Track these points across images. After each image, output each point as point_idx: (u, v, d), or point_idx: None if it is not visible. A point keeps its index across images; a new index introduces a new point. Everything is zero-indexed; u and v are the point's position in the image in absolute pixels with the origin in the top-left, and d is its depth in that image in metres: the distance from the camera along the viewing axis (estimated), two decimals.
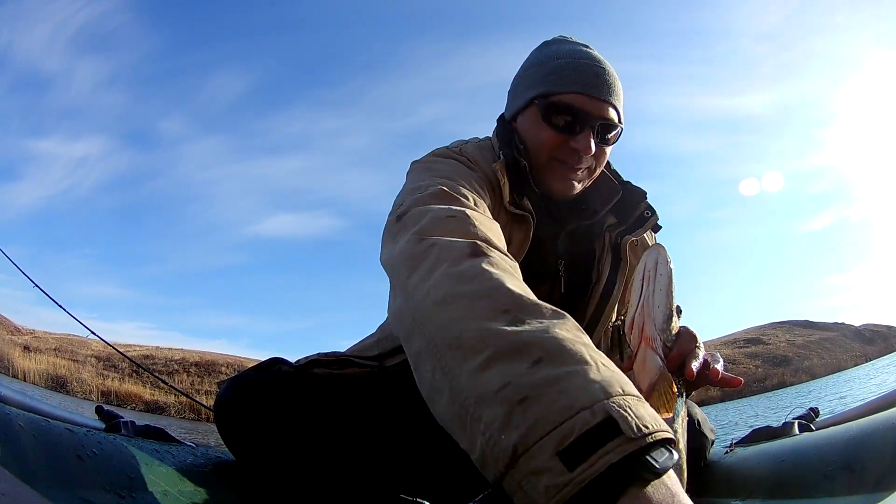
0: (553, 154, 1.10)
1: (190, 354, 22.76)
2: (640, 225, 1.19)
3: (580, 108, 1.07)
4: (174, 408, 17.02)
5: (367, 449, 1.14)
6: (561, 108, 1.08)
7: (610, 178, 1.23)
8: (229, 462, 1.19)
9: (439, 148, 1.16)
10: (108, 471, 0.86)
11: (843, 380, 16.34)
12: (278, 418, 1.10)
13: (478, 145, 1.17)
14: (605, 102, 1.08)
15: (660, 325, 0.83)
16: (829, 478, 0.95)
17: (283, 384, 1.16)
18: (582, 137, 1.07)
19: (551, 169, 1.11)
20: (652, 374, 0.81)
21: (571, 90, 1.07)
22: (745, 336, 28.42)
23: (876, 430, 0.96)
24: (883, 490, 0.83)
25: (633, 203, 1.21)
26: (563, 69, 1.09)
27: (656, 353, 0.82)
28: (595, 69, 1.09)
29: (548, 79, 1.10)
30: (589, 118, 1.07)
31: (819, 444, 1.05)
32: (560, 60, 1.11)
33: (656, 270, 0.85)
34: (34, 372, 16.69)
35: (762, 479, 1.09)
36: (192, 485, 1.02)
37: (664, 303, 0.83)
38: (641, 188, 1.22)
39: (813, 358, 24.47)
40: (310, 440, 1.11)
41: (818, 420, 1.43)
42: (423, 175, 1.03)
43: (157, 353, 22.60)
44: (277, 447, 1.10)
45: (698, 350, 0.85)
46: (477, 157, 1.12)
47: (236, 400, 1.13)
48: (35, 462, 0.75)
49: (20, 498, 0.66)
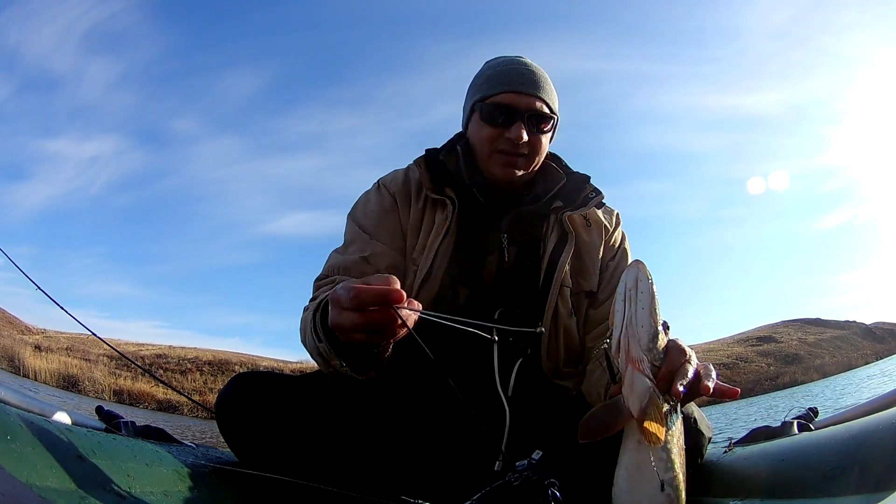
0: (494, 147, 1.29)
1: (203, 353, 22.87)
2: (584, 204, 1.36)
3: (509, 104, 1.27)
4: (187, 406, 17.10)
5: (368, 450, 1.14)
6: (494, 107, 1.28)
7: (555, 168, 1.41)
8: (229, 462, 1.20)
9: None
10: (108, 471, 0.87)
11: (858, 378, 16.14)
12: (279, 418, 1.11)
13: (398, 171, 1.43)
14: (531, 97, 1.27)
15: (645, 345, 0.80)
16: (828, 478, 0.95)
17: (283, 385, 1.17)
18: (514, 128, 1.26)
19: (493, 160, 1.30)
20: (641, 397, 0.79)
21: (501, 90, 1.27)
22: (757, 334, 28.15)
23: (875, 430, 0.95)
24: (883, 490, 0.82)
25: (577, 187, 1.38)
26: (493, 75, 1.30)
27: (644, 374, 0.80)
28: (520, 70, 1.29)
29: (482, 86, 1.31)
30: (518, 111, 1.26)
31: (818, 444, 1.05)
32: (492, 70, 1.32)
33: (637, 289, 0.82)
34: (45, 371, 16.85)
35: (761, 479, 1.08)
36: (192, 485, 1.03)
37: (648, 322, 0.81)
38: (585, 174, 1.41)
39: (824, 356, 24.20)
40: (311, 441, 1.12)
41: (817, 420, 1.42)
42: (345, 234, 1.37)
43: (170, 351, 22.73)
44: (278, 447, 1.11)
45: (688, 365, 0.82)
46: (387, 180, 1.41)
47: (237, 400, 1.14)
48: (35, 462, 0.76)
49: (20, 498, 0.67)
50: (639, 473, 0.79)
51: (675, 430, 0.81)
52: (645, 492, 0.78)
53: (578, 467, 1.03)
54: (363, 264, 1.25)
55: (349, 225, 1.36)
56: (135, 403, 17.31)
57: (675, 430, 0.81)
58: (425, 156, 1.36)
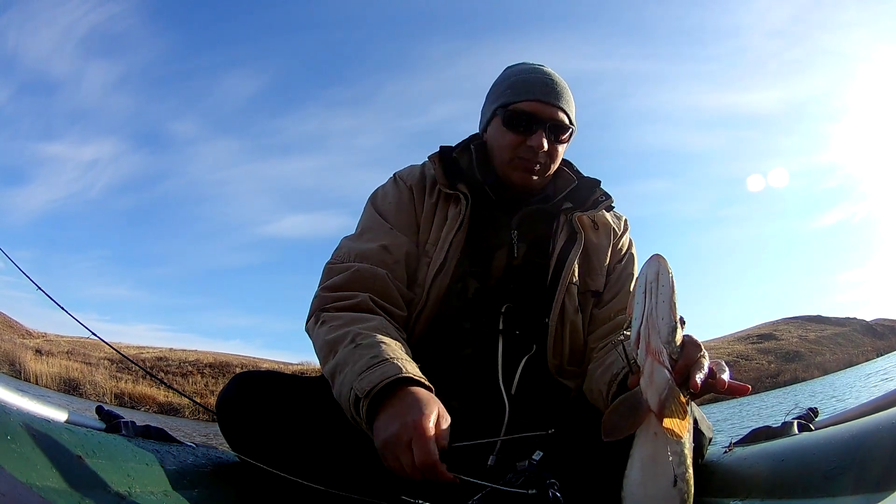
0: (514, 153, 1.31)
1: (204, 356, 22.84)
2: (594, 206, 1.39)
3: (532, 112, 1.29)
4: (188, 409, 17.08)
5: (368, 450, 1.14)
6: (517, 114, 1.30)
7: (568, 173, 1.45)
8: (230, 462, 1.21)
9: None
10: (108, 471, 0.88)
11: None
12: (280, 419, 1.12)
13: (414, 166, 1.46)
14: (554, 107, 1.30)
15: (665, 338, 0.82)
16: (828, 478, 0.94)
17: (285, 384, 1.18)
18: (536, 136, 1.28)
19: (513, 166, 1.32)
20: (661, 388, 0.80)
21: (525, 98, 1.30)
22: (758, 332, 28.12)
23: (875, 430, 0.95)
24: (883, 490, 0.82)
25: (587, 190, 1.41)
26: (518, 83, 1.32)
27: (663, 365, 0.81)
28: (545, 80, 1.32)
29: (506, 92, 1.33)
30: (541, 120, 1.29)
31: (818, 444, 1.04)
32: (516, 77, 1.34)
33: (658, 282, 0.83)
34: (46, 375, 16.80)
35: (761, 479, 1.08)
36: (193, 485, 1.03)
37: (668, 314, 0.82)
38: (596, 179, 1.44)
39: (825, 353, 24.17)
40: (311, 440, 1.12)
41: (817, 420, 1.41)
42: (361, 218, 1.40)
43: (171, 354, 22.70)
44: (279, 447, 1.11)
45: (703, 360, 0.84)
46: (404, 174, 1.43)
47: (239, 399, 1.14)
48: (35, 462, 0.76)
49: (20, 498, 0.67)
50: (654, 466, 0.79)
51: (687, 436, 0.81)
52: (659, 485, 0.79)
53: (578, 467, 1.03)
54: (383, 252, 1.27)
55: (368, 212, 1.38)
56: (136, 406, 17.27)
57: (687, 436, 0.81)
58: (439, 152, 1.38)
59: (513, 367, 1.24)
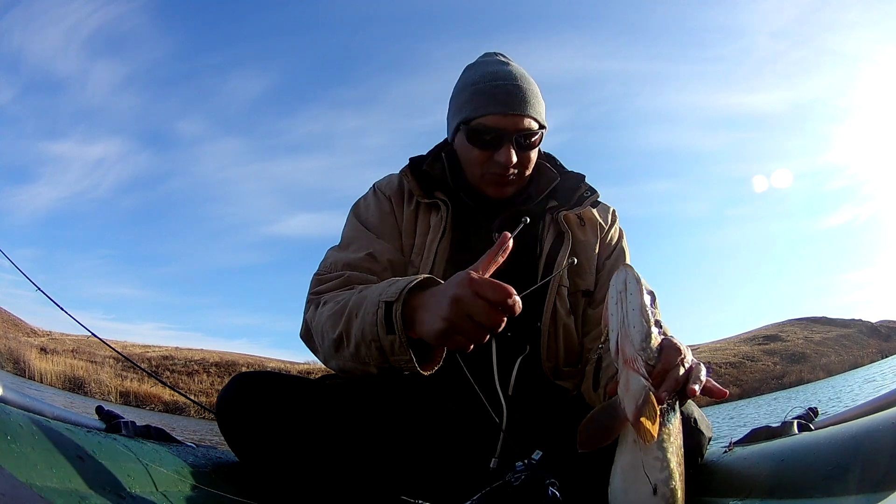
0: (483, 169, 1.28)
1: (210, 355, 22.91)
2: (579, 203, 1.35)
3: (496, 127, 1.23)
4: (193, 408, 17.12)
5: (368, 450, 1.15)
6: (481, 130, 1.24)
7: (549, 168, 1.40)
8: (230, 462, 1.21)
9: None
10: (108, 471, 0.88)
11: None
12: (280, 419, 1.12)
13: (392, 175, 1.43)
14: (519, 116, 1.23)
15: (638, 345, 0.82)
16: (828, 478, 0.94)
17: (284, 385, 1.18)
18: (503, 151, 1.24)
19: (485, 181, 1.30)
20: (637, 395, 0.79)
21: (487, 112, 1.23)
22: (764, 333, 27.98)
23: (875, 430, 0.95)
24: (883, 490, 0.82)
25: (572, 186, 1.38)
26: (478, 94, 1.25)
27: (638, 372, 0.81)
28: (507, 88, 1.24)
29: (466, 106, 1.27)
30: (506, 133, 1.24)
31: (818, 444, 1.04)
32: (476, 86, 1.27)
33: (626, 291, 0.84)
34: (51, 374, 16.88)
35: (761, 479, 1.08)
36: (193, 485, 1.04)
37: (639, 322, 0.82)
38: (580, 173, 1.40)
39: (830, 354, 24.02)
40: (311, 441, 1.12)
41: (817, 420, 1.41)
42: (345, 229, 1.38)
43: (177, 353, 22.78)
44: (279, 447, 1.11)
45: (681, 365, 0.82)
46: (382, 184, 1.41)
47: (238, 400, 1.14)
48: (35, 462, 0.76)
49: (20, 498, 0.67)
50: (634, 474, 0.79)
51: (673, 430, 0.81)
52: (639, 493, 0.78)
53: (578, 467, 1.03)
54: (370, 261, 1.26)
55: (352, 223, 1.37)
56: (141, 405, 17.35)
57: (673, 430, 0.81)
58: (409, 165, 1.37)
59: (507, 369, 1.24)
